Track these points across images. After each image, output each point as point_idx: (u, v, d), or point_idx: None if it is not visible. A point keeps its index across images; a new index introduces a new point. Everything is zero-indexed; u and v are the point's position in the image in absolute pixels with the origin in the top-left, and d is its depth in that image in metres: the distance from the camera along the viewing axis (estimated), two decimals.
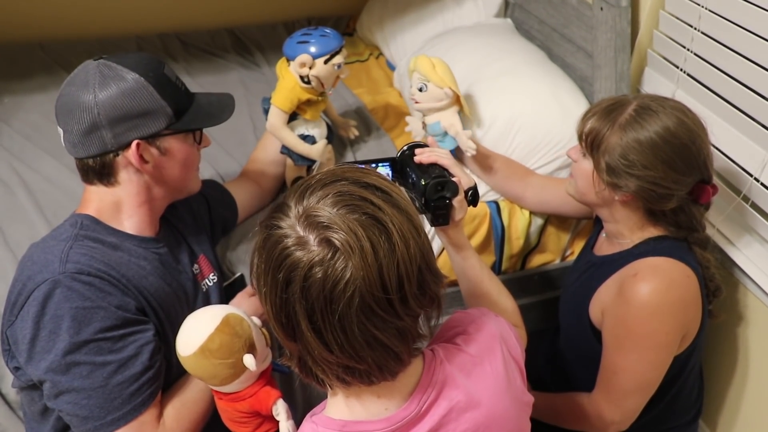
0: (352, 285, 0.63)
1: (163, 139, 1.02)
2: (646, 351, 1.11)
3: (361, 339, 0.66)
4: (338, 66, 1.35)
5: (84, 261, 0.95)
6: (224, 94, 1.13)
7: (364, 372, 0.69)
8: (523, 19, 1.84)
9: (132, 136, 0.98)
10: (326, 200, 0.66)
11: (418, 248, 0.67)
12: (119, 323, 0.95)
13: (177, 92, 1.02)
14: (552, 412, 1.28)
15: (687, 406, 1.29)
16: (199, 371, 0.94)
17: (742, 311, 1.37)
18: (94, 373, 0.93)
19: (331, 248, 0.63)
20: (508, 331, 0.86)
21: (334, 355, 0.67)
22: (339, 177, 0.68)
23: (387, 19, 2.02)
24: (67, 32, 2.02)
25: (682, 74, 1.38)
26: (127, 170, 1.01)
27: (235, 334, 0.94)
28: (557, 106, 1.49)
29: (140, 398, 0.96)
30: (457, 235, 1.02)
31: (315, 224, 0.65)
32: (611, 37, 1.44)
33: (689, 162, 1.08)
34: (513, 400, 0.81)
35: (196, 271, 1.15)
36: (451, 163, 1.01)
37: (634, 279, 1.10)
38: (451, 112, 1.40)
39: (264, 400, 0.97)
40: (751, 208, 1.28)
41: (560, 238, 1.54)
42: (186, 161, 1.06)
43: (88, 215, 1.02)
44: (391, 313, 0.66)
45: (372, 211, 0.65)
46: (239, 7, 2.19)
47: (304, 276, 0.64)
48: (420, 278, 0.68)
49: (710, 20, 1.29)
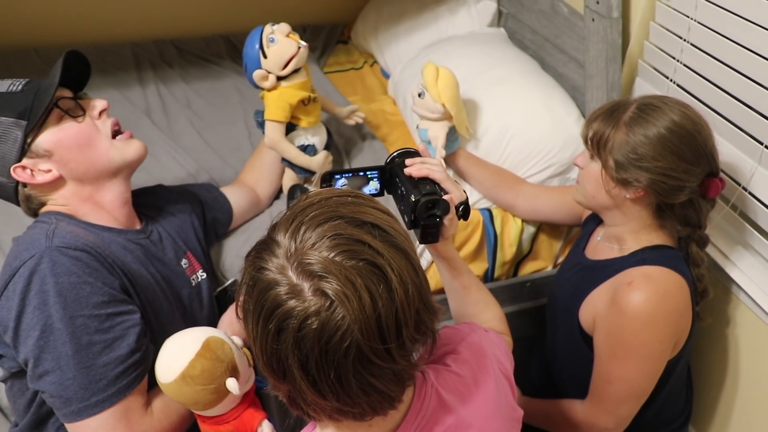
0: (349, 336, 0.60)
1: (33, 145, 0.96)
2: (640, 360, 1.11)
3: (357, 387, 0.63)
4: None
5: (70, 237, 0.93)
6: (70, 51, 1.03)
7: (358, 413, 0.67)
8: (516, 29, 1.86)
9: (5, 169, 0.96)
10: (321, 244, 0.62)
11: (416, 290, 0.64)
12: (106, 300, 0.92)
13: (9, 97, 0.96)
14: (545, 419, 1.29)
15: (675, 412, 1.30)
16: (181, 398, 0.91)
17: (730, 319, 1.38)
18: (79, 352, 0.90)
19: (326, 299, 0.60)
20: (498, 347, 0.85)
21: (328, 402, 0.64)
22: (334, 215, 0.64)
23: (382, 28, 2.03)
24: (62, 38, 2.02)
25: (672, 84, 1.40)
26: (42, 190, 0.99)
27: (217, 358, 0.90)
28: (549, 115, 1.50)
29: (125, 381, 0.93)
30: (446, 249, 0.98)
31: (309, 272, 0.61)
32: (602, 48, 1.46)
33: (697, 151, 1.09)
34: (503, 418, 0.80)
35: (185, 266, 1.14)
36: (442, 176, 0.97)
37: (629, 288, 1.10)
38: (442, 125, 1.42)
39: (248, 422, 0.95)
40: (739, 216, 1.30)
41: (552, 246, 1.55)
42: (78, 143, 0.99)
43: (59, 212, 1.01)
44: (388, 360, 0.63)
45: (370, 256, 0.62)
46: (234, 14, 2.19)
47: (298, 326, 0.60)
48: (417, 319, 0.65)
49: (699, 32, 1.31)
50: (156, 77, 1.90)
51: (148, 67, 1.94)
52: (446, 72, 1.39)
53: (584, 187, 1.20)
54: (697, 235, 1.16)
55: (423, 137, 1.44)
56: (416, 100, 1.42)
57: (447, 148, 1.42)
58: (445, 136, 1.41)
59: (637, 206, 1.15)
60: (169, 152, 1.55)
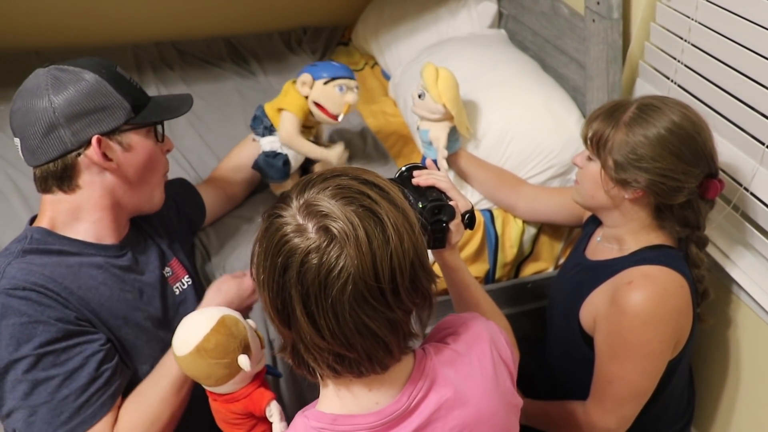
0: (346, 272, 0.66)
1: (124, 134, 1.00)
2: (641, 360, 1.11)
3: (353, 326, 0.68)
4: (340, 88, 1.34)
5: (20, 276, 0.93)
6: (183, 93, 1.13)
7: (354, 361, 0.71)
8: (517, 30, 1.86)
9: (91, 132, 0.97)
10: (326, 192, 0.69)
11: (411, 244, 0.70)
12: (61, 336, 0.92)
13: (133, 89, 1.02)
14: (546, 420, 1.29)
15: (677, 413, 1.30)
16: (195, 371, 0.95)
17: (732, 320, 1.38)
18: (37, 388, 0.91)
19: (327, 236, 0.66)
20: (498, 334, 0.87)
21: (325, 341, 0.69)
22: (339, 173, 0.72)
23: (382, 29, 2.03)
24: (63, 40, 2.03)
25: (673, 85, 1.40)
26: (89, 171, 0.99)
27: (231, 334, 0.95)
28: (550, 116, 1.50)
29: (90, 410, 0.93)
30: (452, 258, 1.03)
31: (314, 213, 0.67)
32: (603, 49, 1.46)
33: (696, 152, 1.09)
34: (502, 401, 0.82)
35: (168, 274, 1.13)
36: (448, 186, 1.03)
37: (628, 287, 1.10)
38: (443, 126, 1.41)
39: (258, 401, 0.98)
40: (741, 217, 1.30)
41: (553, 247, 1.55)
42: (150, 159, 1.04)
43: (40, 227, 1.00)
44: (383, 303, 0.68)
45: (368, 204, 0.68)
46: (235, 16, 2.20)
47: (300, 261, 0.66)
48: (412, 273, 0.70)
49: (700, 32, 1.31)
50: (157, 79, 1.90)
51: (148, 69, 1.94)
52: (446, 72, 1.39)
53: (583, 187, 1.20)
54: (696, 236, 1.16)
55: (424, 138, 1.44)
56: (416, 101, 1.42)
57: (448, 149, 1.42)
58: (446, 136, 1.41)
59: (636, 207, 1.15)
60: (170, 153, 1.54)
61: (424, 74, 1.39)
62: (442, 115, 1.40)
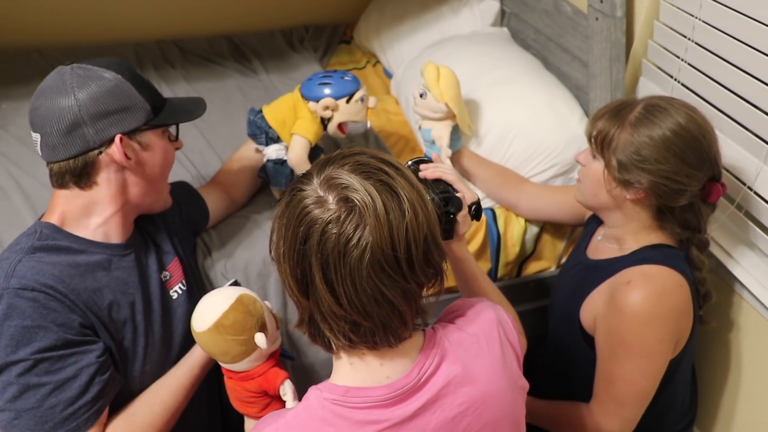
0: (364, 240, 0.69)
1: (143, 134, 1.02)
2: (641, 359, 1.11)
3: (370, 293, 0.71)
4: (362, 99, 1.35)
5: (30, 275, 0.93)
6: (195, 97, 1.16)
7: (369, 330, 0.73)
8: (520, 29, 1.85)
9: (114, 131, 0.98)
10: (345, 167, 0.73)
11: (425, 218, 0.73)
12: (60, 344, 0.92)
13: (152, 90, 1.04)
14: (549, 420, 1.29)
15: (680, 413, 1.30)
16: (212, 347, 0.99)
17: (735, 320, 1.38)
18: (26, 393, 0.90)
19: (347, 206, 0.70)
20: (506, 318, 0.89)
21: (343, 309, 0.72)
22: (358, 152, 0.76)
23: (384, 27, 2.03)
24: (64, 38, 2.02)
25: (677, 84, 1.39)
26: (108, 169, 1.00)
27: (249, 312, 0.98)
28: (553, 114, 1.50)
29: (75, 423, 0.93)
30: (460, 248, 1.05)
31: (335, 185, 0.71)
32: (606, 47, 1.46)
33: (701, 155, 1.09)
34: (509, 382, 0.83)
35: (165, 279, 1.13)
36: (455, 178, 1.04)
37: (627, 287, 1.10)
38: (445, 124, 1.41)
39: (272, 379, 1.01)
40: (744, 216, 1.29)
41: (555, 246, 1.54)
42: (165, 158, 1.07)
43: (50, 223, 1.00)
44: (398, 272, 0.71)
45: (386, 179, 0.72)
46: (237, 15, 2.20)
47: (321, 231, 0.69)
48: (425, 247, 0.73)
49: (704, 31, 1.30)
50: (158, 77, 1.90)
51: (150, 67, 1.94)
52: (447, 71, 1.38)
53: (585, 185, 1.19)
54: (696, 238, 1.16)
55: (426, 137, 1.44)
56: (418, 100, 1.41)
57: (451, 147, 1.42)
58: (449, 135, 1.40)
59: (637, 207, 1.15)
60: None
61: (425, 73, 1.39)
62: (445, 113, 1.39)
